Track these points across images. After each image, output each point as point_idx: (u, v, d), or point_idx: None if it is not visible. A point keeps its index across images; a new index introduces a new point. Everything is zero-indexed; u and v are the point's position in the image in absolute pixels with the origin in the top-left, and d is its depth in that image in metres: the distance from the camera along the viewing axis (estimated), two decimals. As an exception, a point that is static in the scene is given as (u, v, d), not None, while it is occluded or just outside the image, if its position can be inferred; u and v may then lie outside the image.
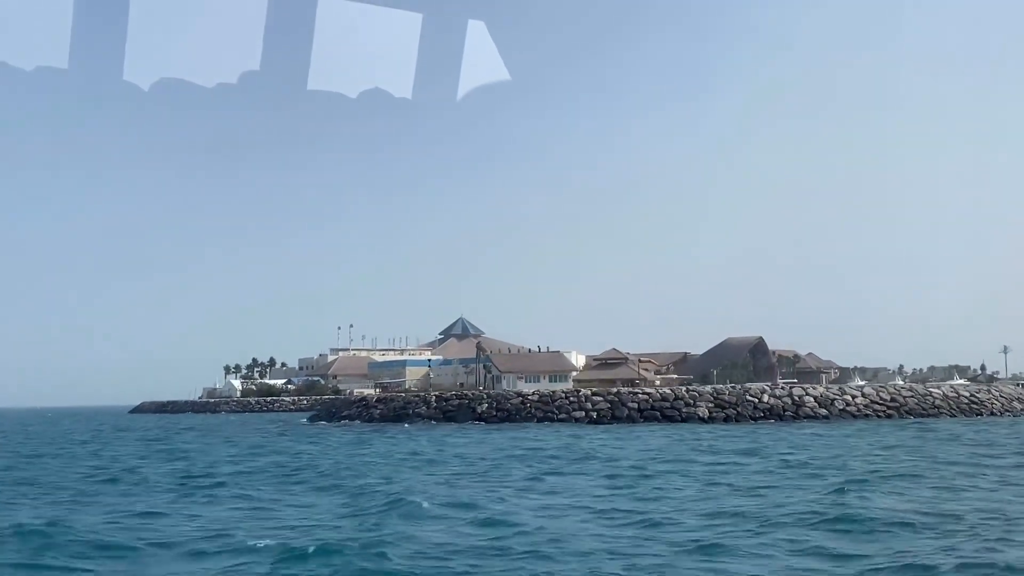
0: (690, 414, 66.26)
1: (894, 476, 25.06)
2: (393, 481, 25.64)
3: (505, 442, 44.73)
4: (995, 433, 47.48)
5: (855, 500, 19.72)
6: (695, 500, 20.83)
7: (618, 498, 21.39)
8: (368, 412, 73.33)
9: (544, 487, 24.13)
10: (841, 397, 69.13)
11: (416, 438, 50.40)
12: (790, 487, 22.99)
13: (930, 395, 71.34)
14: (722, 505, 19.71)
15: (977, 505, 19.01)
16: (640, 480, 25.37)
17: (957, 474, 25.53)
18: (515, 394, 71.30)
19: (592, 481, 25.59)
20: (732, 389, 70.86)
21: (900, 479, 24.28)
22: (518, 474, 27.76)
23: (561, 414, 67.18)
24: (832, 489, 21.75)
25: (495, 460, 33.38)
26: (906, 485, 22.96)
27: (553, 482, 25.31)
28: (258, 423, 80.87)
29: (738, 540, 15.32)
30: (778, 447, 38.74)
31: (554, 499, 21.46)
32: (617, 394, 69.48)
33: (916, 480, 24.12)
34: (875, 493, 20.98)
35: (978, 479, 24.19)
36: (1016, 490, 21.75)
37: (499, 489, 23.44)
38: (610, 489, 23.47)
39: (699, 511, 18.93)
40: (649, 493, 22.34)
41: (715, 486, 23.59)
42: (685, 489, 23.10)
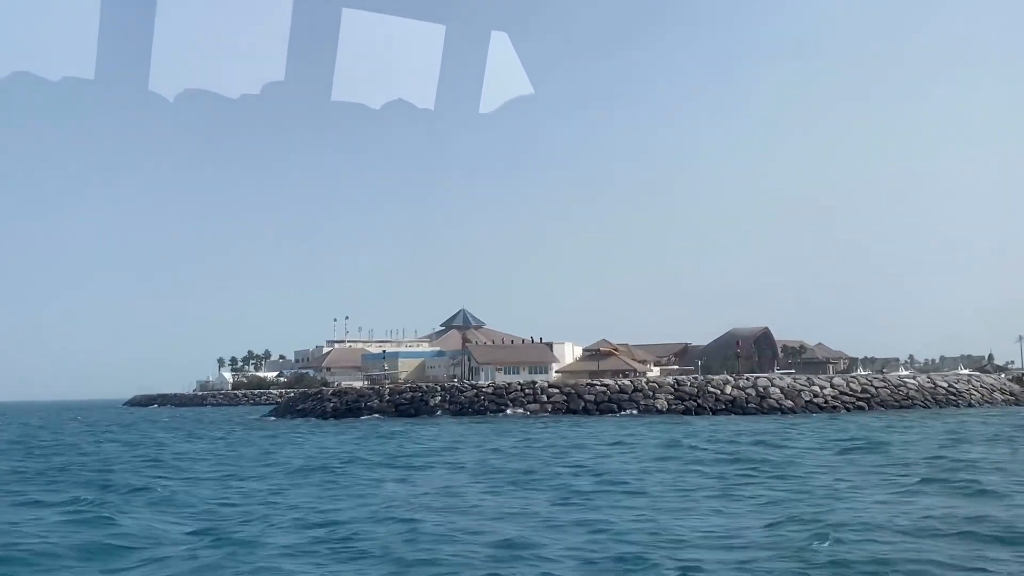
0: (648, 406, 63.79)
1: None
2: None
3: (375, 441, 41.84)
4: (933, 429, 44.56)
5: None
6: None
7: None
8: (322, 406, 71.29)
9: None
10: (808, 388, 66.30)
11: (311, 436, 47.94)
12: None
13: (904, 386, 68.30)
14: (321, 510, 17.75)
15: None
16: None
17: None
18: (470, 386, 69.02)
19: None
20: (694, 380, 68.25)
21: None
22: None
23: (515, 406, 64.85)
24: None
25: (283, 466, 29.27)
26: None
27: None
28: (214, 417, 79.28)
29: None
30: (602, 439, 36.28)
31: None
32: (574, 386, 67.04)
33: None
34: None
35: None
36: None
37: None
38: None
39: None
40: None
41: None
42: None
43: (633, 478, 22.94)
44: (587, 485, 21.71)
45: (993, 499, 18.15)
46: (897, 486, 20.64)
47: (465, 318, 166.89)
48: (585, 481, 22.55)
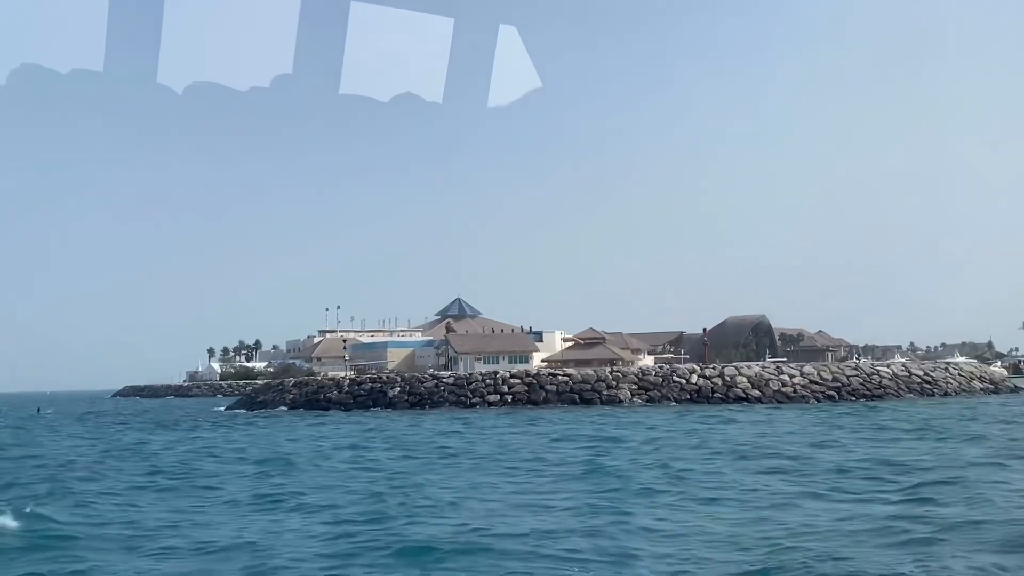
0: (611, 397, 62.07)
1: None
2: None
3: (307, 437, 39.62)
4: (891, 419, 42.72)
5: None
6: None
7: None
8: (283, 398, 69.89)
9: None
10: (777, 377, 64.37)
11: (238, 429, 46.24)
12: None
13: (877, 374, 66.29)
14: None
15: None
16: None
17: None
18: (430, 377, 67.40)
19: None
20: (660, 370, 66.46)
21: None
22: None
23: (475, 398, 63.21)
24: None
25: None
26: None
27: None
28: (180, 407, 78.04)
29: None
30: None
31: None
32: (536, 376, 65.36)
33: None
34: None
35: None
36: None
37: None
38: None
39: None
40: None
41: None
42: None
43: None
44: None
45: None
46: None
47: (461, 307, 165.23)
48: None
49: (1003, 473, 20.19)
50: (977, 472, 20.15)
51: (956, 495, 16.73)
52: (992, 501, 15.89)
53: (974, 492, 16.98)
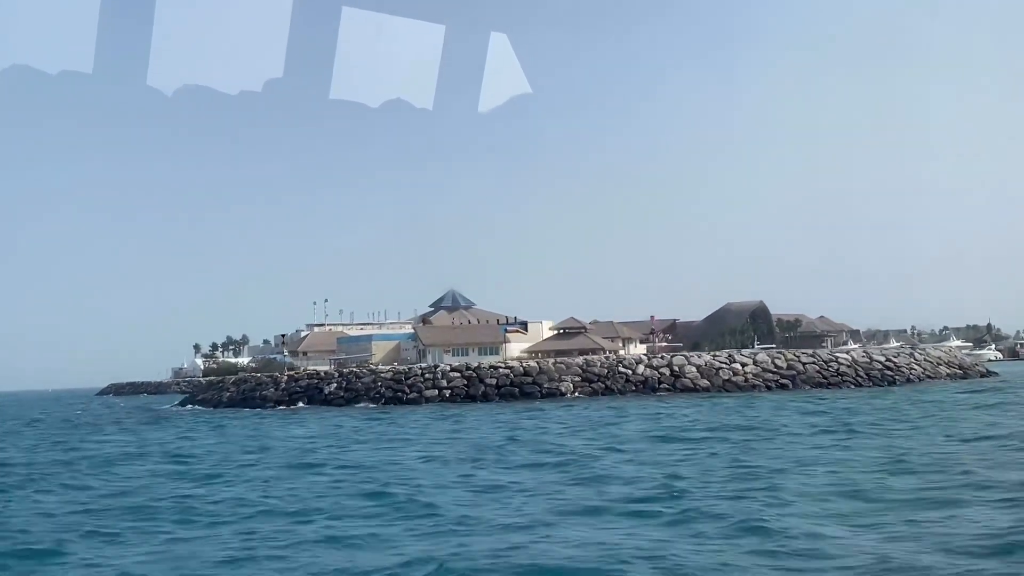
0: (552, 390, 59.37)
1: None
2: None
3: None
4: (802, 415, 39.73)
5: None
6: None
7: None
8: (221, 396, 67.68)
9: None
10: (728, 366, 61.48)
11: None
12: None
13: (835, 361, 63.20)
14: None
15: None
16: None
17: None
18: (368, 372, 64.88)
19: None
20: (605, 360, 63.70)
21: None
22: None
23: (412, 393, 60.65)
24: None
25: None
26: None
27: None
28: (139, 406, 75.99)
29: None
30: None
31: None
32: (476, 369, 62.72)
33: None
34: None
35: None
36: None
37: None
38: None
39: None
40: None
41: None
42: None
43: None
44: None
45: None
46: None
47: (454, 299, 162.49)
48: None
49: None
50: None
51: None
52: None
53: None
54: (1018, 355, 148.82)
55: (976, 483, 16.06)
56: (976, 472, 17.29)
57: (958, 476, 16.99)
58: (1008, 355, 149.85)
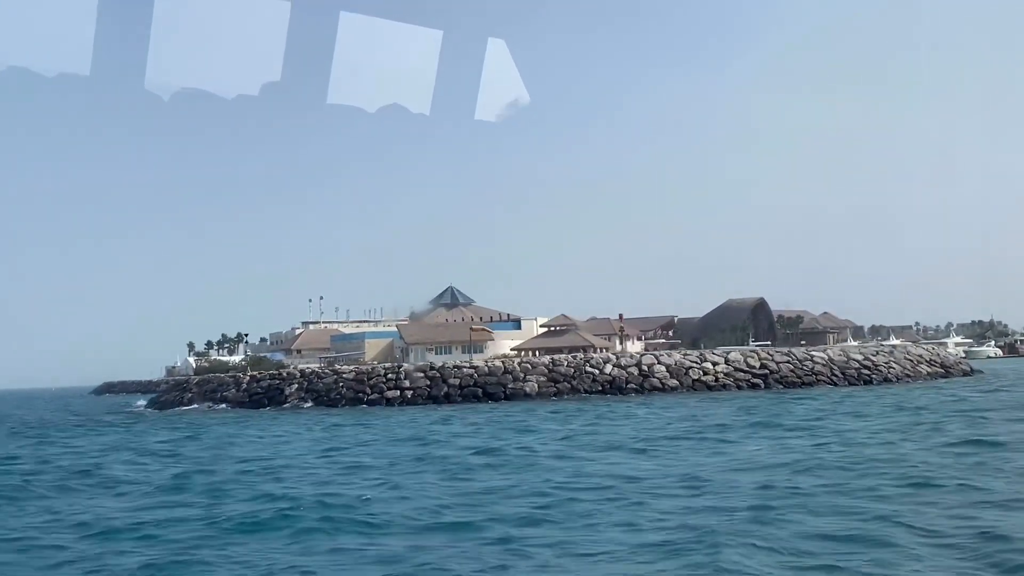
0: (516, 390, 57.70)
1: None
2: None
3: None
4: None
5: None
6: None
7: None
8: (183, 396, 66.34)
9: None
10: (699, 365, 59.66)
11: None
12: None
13: (810, 360, 61.27)
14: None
15: None
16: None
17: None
18: (331, 372, 63.34)
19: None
20: (573, 360, 61.91)
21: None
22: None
23: (373, 394, 59.10)
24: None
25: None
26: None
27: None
28: (92, 406, 74.74)
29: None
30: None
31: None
32: (440, 369, 61.09)
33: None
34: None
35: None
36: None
37: None
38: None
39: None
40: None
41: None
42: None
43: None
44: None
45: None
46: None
47: (453, 295, 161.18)
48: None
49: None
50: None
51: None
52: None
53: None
54: (1018, 351, 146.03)
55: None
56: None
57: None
58: (1008, 351, 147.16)
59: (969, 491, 14.94)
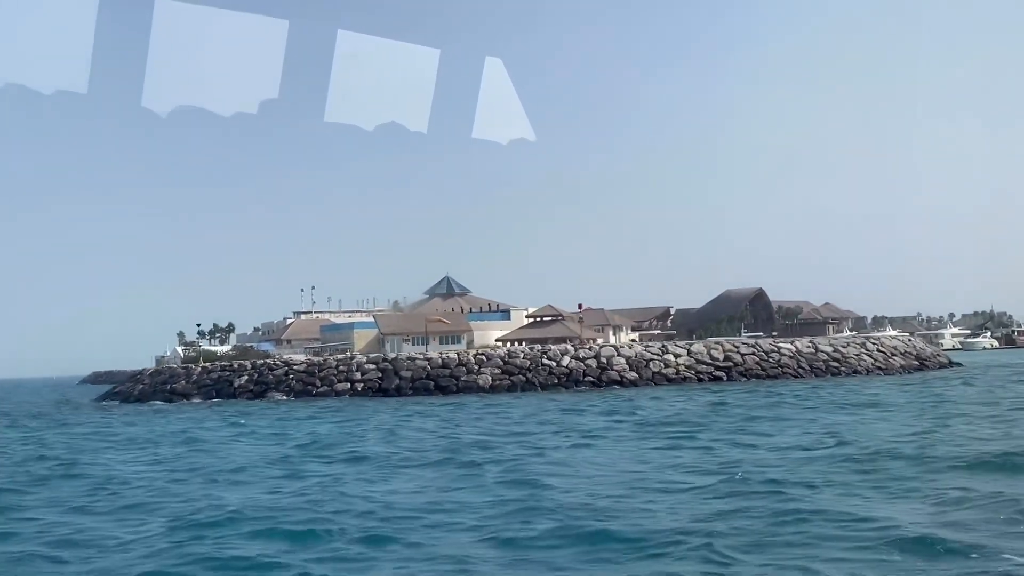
0: (470, 383, 55.78)
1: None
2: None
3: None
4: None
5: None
6: None
7: None
8: (135, 388, 64.73)
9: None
10: (660, 358, 57.56)
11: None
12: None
13: (776, 352, 59.09)
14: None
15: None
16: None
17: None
18: (282, 363, 61.59)
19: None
20: (529, 351, 59.90)
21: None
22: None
23: (322, 386, 57.30)
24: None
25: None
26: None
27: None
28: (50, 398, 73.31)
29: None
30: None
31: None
32: (393, 361, 59.24)
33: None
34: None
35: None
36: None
37: None
38: None
39: None
40: None
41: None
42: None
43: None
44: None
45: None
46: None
47: (449, 285, 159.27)
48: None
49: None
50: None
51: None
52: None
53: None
54: (1015, 342, 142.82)
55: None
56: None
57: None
58: (1005, 342, 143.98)
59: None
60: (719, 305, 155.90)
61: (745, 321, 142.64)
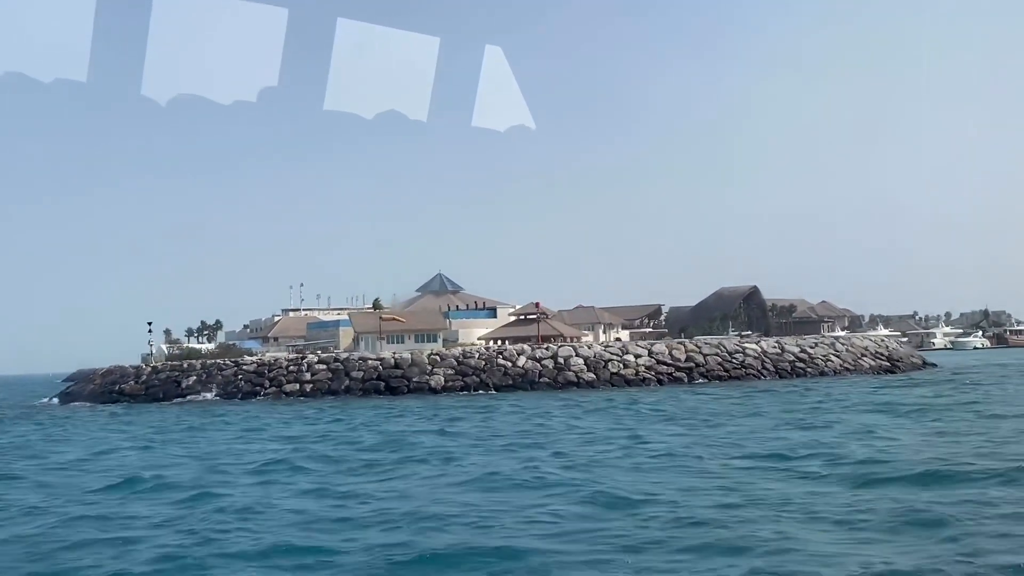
0: (421, 384, 53.98)
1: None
2: None
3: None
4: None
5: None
6: None
7: None
8: (84, 388, 63.12)
9: None
10: (620, 358, 55.68)
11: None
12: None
13: (741, 352, 57.15)
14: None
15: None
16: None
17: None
18: (232, 364, 59.82)
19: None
20: (485, 351, 58.07)
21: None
22: None
23: (271, 387, 55.55)
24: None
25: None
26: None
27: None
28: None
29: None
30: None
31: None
32: (344, 361, 57.48)
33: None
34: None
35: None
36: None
37: None
38: None
39: None
40: None
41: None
42: None
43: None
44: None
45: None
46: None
47: (442, 282, 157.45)
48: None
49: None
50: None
51: None
52: None
53: None
54: (1007, 342, 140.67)
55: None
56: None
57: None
58: (996, 342, 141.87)
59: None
60: (712, 303, 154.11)
61: (739, 319, 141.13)
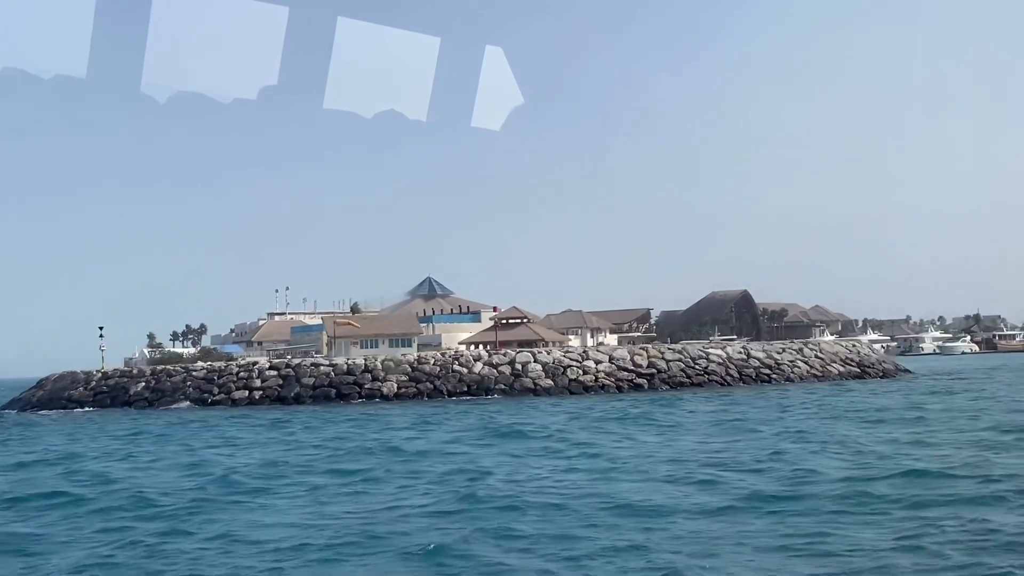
0: (374, 391, 52.36)
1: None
2: None
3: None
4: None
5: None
6: None
7: None
8: (33, 395, 61.48)
9: None
10: (579, 364, 53.99)
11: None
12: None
13: (705, 358, 55.45)
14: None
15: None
16: None
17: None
18: (182, 369, 58.18)
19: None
20: (441, 357, 56.34)
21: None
22: None
23: (219, 394, 53.90)
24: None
25: None
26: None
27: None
28: None
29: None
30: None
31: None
32: (296, 368, 55.84)
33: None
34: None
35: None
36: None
37: None
38: None
39: None
40: None
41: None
42: None
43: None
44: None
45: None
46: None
47: (431, 286, 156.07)
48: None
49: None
50: None
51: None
52: None
53: None
54: (996, 347, 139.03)
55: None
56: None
57: None
58: (985, 347, 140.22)
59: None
60: (704, 307, 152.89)
61: (729, 324, 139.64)
